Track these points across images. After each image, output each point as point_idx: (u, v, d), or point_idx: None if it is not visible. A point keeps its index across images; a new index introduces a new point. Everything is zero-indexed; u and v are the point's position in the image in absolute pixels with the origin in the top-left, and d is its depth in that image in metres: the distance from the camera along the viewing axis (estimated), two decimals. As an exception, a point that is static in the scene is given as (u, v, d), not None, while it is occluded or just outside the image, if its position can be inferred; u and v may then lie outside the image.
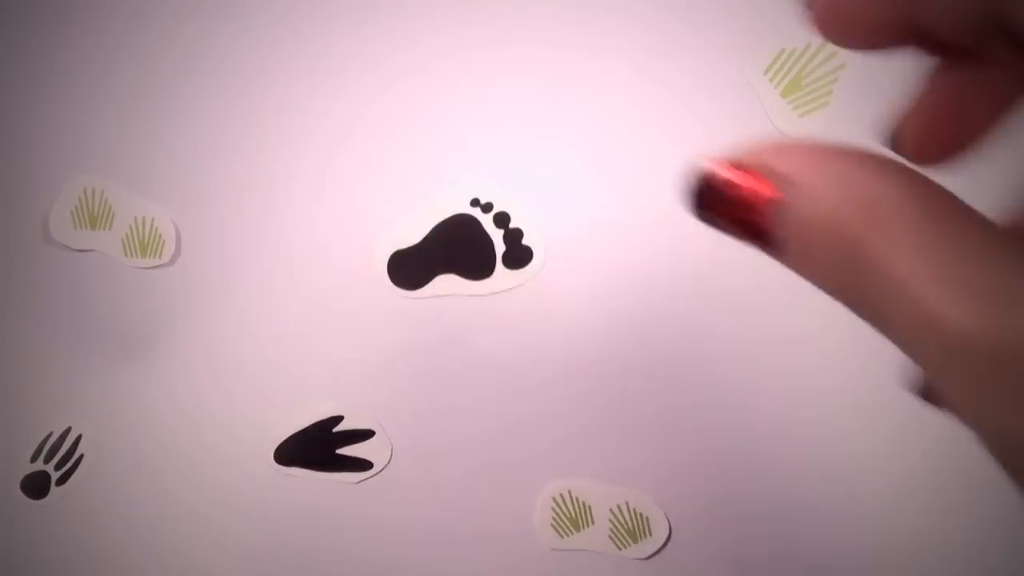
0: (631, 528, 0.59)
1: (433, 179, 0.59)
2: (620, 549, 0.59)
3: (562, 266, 0.59)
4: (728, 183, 0.18)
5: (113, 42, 0.60)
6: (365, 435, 0.60)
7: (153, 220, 0.60)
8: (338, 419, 0.60)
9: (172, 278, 0.61)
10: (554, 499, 0.59)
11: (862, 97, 0.57)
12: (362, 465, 0.60)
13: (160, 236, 0.60)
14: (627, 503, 0.59)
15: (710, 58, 0.57)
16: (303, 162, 0.59)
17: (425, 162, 0.59)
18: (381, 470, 0.60)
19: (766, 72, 0.58)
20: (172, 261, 0.60)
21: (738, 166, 0.18)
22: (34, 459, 0.62)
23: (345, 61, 0.59)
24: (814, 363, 0.57)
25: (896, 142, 0.21)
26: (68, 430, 0.61)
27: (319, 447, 0.60)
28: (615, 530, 0.59)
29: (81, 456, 0.61)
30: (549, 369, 0.59)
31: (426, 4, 0.58)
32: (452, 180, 0.59)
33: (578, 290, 0.59)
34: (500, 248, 0.59)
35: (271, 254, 0.60)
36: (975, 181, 0.56)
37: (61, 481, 0.62)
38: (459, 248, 0.59)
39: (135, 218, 0.60)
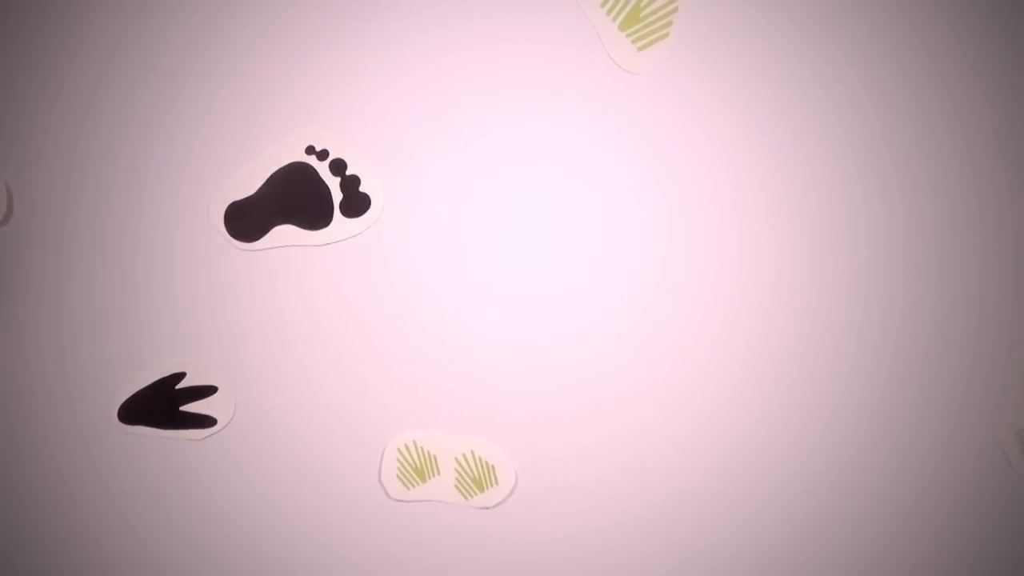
0: (477, 477, 0.58)
1: (267, 127, 0.57)
2: (467, 499, 0.58)
3: (401, 213, 0.57)
4: None
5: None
6: (208, 391, 0.59)
7: (-16, 178, 0.58)
8: (180, 376, 0.59)
9: (5, 239, 0.59)
10: (399, 450, 0.58)
11: (702, 28, 0.55)
12: (206, 421, 0.59)
13: (-9, 195, 0.58)
14: (472, 452, 0.58)
15: (545, -8, 0.55)
16: (135, 116, 0.58)
17: (258, 111, 0.57)
18: (225, 426, 0.59)
19: (603, 4, 0.56)
20: (5, 220, 0.59)
21: None
22: None
23: (174, 11, 0.57)
24: (652, 318, 0.56)
25: None
26: (-91, 396, 0.60)
27: (162, 405, 0.59)
28: (461, 479, 0.58)
29: (-77, 422, 0.61)
30: (391, 316, 0.58)
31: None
32: (286, 128, 0.57)
33: (419, 236, 0.57)
34: (337, 196, 0.57)
35: (106, 211, 0.58)
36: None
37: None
38: (296, 197, 0.58)
39: (-35, 177, 0.59)
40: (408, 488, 0.58)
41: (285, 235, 0.58)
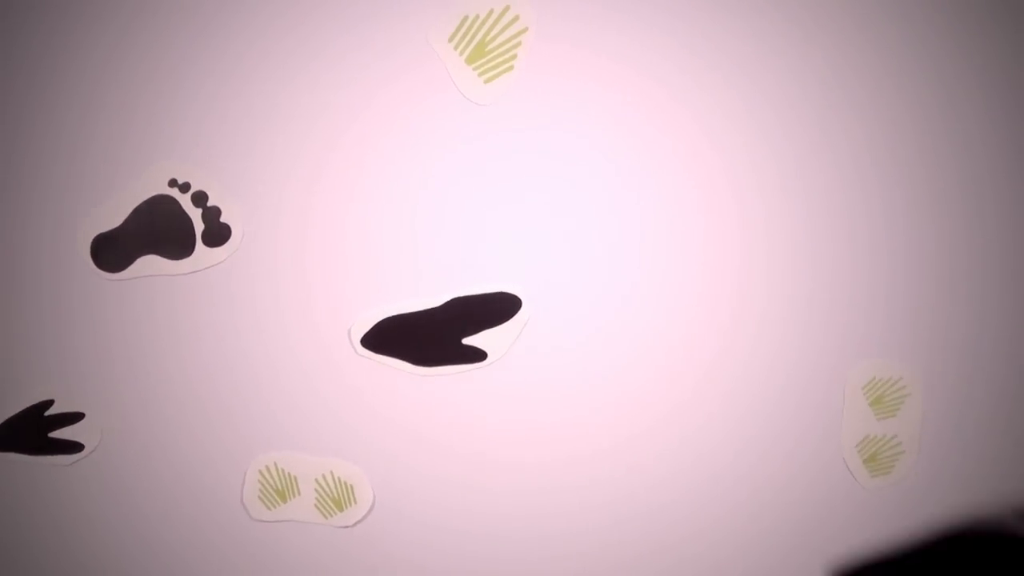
0: (336, 496, 0.59)
1: (131, 161, 0.59)
2: (326, 517, 0.60)
3: (262, 241, 0.59)
4: None
5: None
6: (75, 418, 0.60)
7: None
8: (48, 403, 0.60)
9: None
10: (260, 472, 0.60)
11: (544, 60, 0.58)
12: (73, 447, 0.60)
13: None
14: (332, 472, 0.59)
15: (394, 26, 0.57)
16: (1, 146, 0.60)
17: (123, 144, 0.59)
18: (92, 451, 0.61)
19: (450, 40, 0.58)
20: None
21: None
22: None
23: (42, 43, 0.59)
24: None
25: None
26: None
27: (31, 431, 0.60)
28: (321, 499, 0.60)
29: None
30: (254, 341, 0.60)
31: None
32: (149, 161, 0.59)
33: (278, 263, 0.59)
34: (199, 227, 0.59)
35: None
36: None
37: None
38: (160, 228, 0.60)
39: None
40: (270, 508, 0.60)
41: (150, 265, 0.60)
